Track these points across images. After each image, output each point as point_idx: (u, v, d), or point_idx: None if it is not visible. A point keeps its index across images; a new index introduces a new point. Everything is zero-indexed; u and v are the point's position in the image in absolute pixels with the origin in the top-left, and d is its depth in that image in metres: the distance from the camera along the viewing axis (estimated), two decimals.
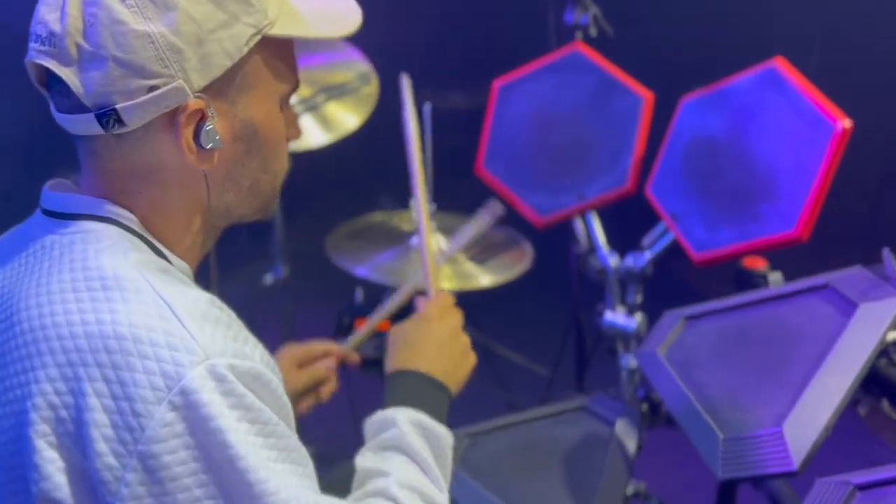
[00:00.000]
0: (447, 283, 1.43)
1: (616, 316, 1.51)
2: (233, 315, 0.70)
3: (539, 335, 1.92)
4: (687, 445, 1.52)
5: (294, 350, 1.10)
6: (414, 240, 1.52)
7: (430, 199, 1.54)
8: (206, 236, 0.76)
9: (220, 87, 0.68)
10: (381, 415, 0.86)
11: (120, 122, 0.66)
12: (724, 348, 1.10)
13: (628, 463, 1.19)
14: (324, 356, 1.12)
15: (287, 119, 0.77)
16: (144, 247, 0.70)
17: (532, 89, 1.57)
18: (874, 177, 1.31)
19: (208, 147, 0.69)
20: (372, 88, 1.59)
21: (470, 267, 1.45)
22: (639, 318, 1.49)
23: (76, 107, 0.67)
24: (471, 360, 0.98)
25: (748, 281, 1.38)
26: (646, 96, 1.46)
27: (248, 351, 0.66)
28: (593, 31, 1.62)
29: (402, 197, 1.63)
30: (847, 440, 1.08)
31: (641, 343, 1.20)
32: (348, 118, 1.57)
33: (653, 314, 1.51)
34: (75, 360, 0.62)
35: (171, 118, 0.68)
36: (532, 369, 1.81)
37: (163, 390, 0.61)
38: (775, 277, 1.35)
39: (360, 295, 1.63)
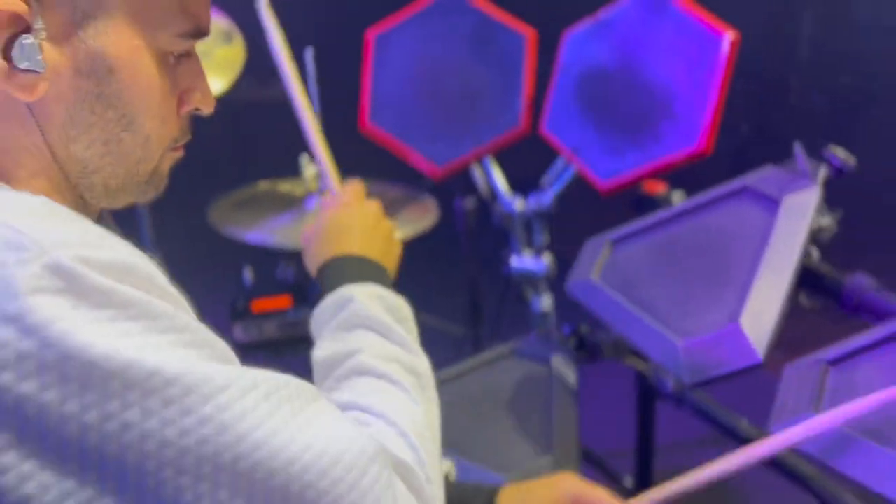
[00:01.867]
0: None
1: (524, 260, 1.48)
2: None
3: (448, 293, 1.86)
4: (598, 380, 1.52)
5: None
6: (309, 203, 1.41)
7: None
8: (69, 201, 0.57)
9: None
10: (330, 298, 0.74)
11: None
12: (660, 263, 1.09)
13: (573, 395, 1.16)
14: None
15: (183, 73, 0.59)
16: None
17: (410, 36, 1.49)
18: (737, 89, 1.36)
19: (22, 67, 0.52)
20: (235, 48, 1.45)
21: None
22: (547, 259, 1.47)
23: None
24: (398, 247, 0.86)
25: (651, 206, 1.40)
26: (528, 34, 1.43)
27: (108, 244, 0.50)
28: None
29: (286, 164, 1.51)
30: None
31: (570, 274, 1.17)
32: (211, 83, 1.41)
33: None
34: None
35: None
36: (444, 330, 1.76)
37: None
38: (678, 197, 1.38)
39: (248, 275, 1.49)
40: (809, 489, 1.14)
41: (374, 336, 0.70)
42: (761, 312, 0.93)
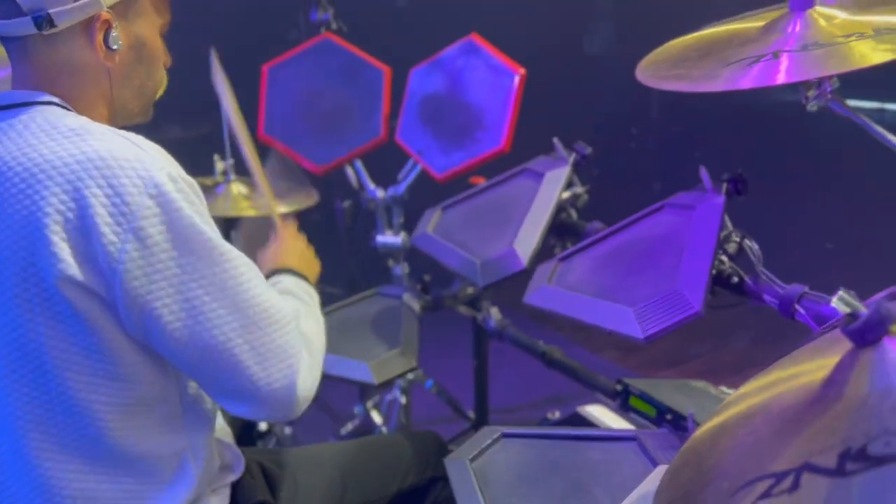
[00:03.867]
0: (251, 212, 1.79)
1: (386, 237, 1.98)
2: None
3: (335, 266, 2.36)
4: (446, 334, 2.02)
5: None
6: (219, 189, 1.85)
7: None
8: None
9: (123, 9, 0.98)
10: (274, 278, 1.25)
11: (51, 23, 0.92)
12: (470, 219, 1.62)
13: (416, 317, 1.65)
14: None
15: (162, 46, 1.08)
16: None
17: (296, 69, 1.98)
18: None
19: (114, 48, 0.97)
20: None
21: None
22: (403, 235, 1.97)
23: (14, 12, 0.93)
24: (318, 265, 1.38)
25: None
26: (384, 69, 1.95)
27: (182, 168, 0.96)
28: (334, 26, 2.08)
29: (203, 166, 1.95)
30: None
31: (412, 233, 1.68)
32: None
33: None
34: (72, 178, 0.89)
35: (87, 25, 0.95)
36: (333, 292, 2.22)
37: (141, 186, 0.90)
38: None
39: None
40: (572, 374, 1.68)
41: (296, 300, 1.20)
42: (526, 241, 1.46)
